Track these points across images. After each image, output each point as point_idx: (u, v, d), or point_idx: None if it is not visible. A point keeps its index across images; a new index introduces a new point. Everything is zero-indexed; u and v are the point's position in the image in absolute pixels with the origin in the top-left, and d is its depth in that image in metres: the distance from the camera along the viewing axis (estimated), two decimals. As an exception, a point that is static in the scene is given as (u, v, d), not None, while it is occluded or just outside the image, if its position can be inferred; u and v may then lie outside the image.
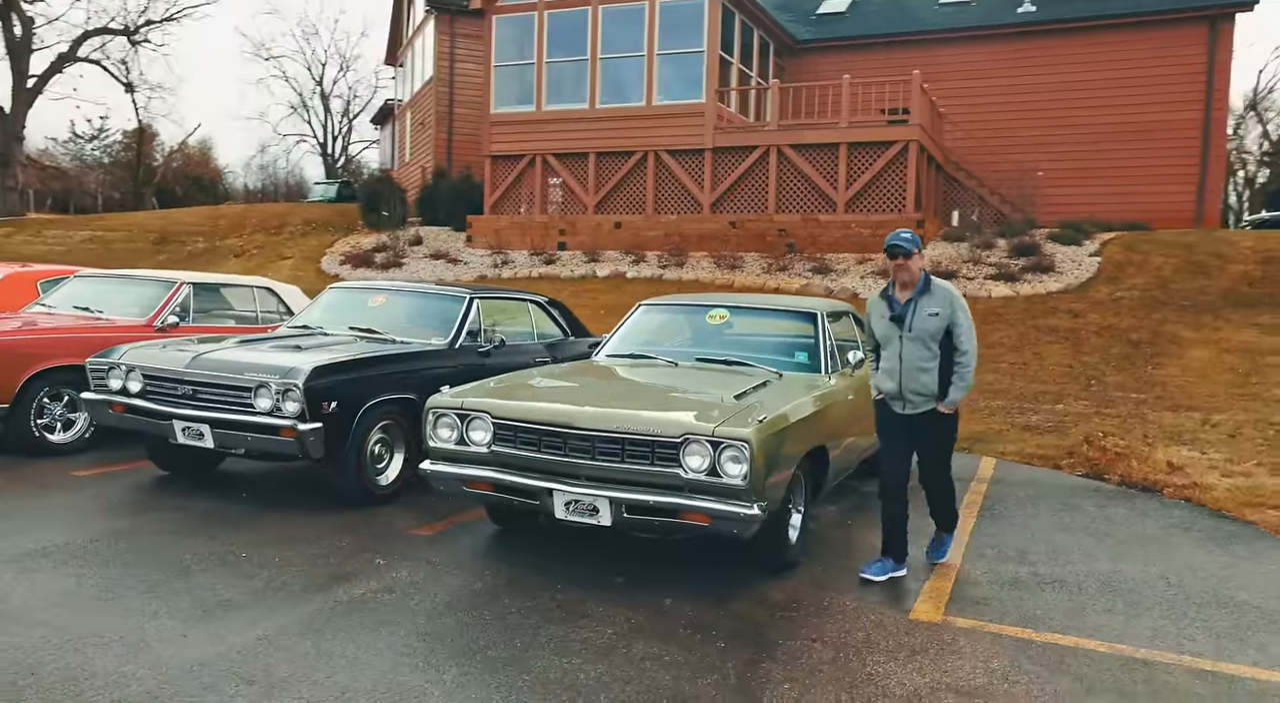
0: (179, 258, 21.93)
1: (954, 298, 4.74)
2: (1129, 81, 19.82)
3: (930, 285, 4.77)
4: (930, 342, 4.68)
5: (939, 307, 4.69)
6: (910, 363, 4.72)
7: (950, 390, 4.70)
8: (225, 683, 3.31)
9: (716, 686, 3.48)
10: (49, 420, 6.78)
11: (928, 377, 4.69)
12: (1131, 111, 19.79)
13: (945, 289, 4.78)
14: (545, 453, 4.59)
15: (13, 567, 4.38)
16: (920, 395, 4.72)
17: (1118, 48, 20.05)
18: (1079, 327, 13.16)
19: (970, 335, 4.72)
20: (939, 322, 4.67)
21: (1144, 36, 19.90)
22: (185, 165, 48.27)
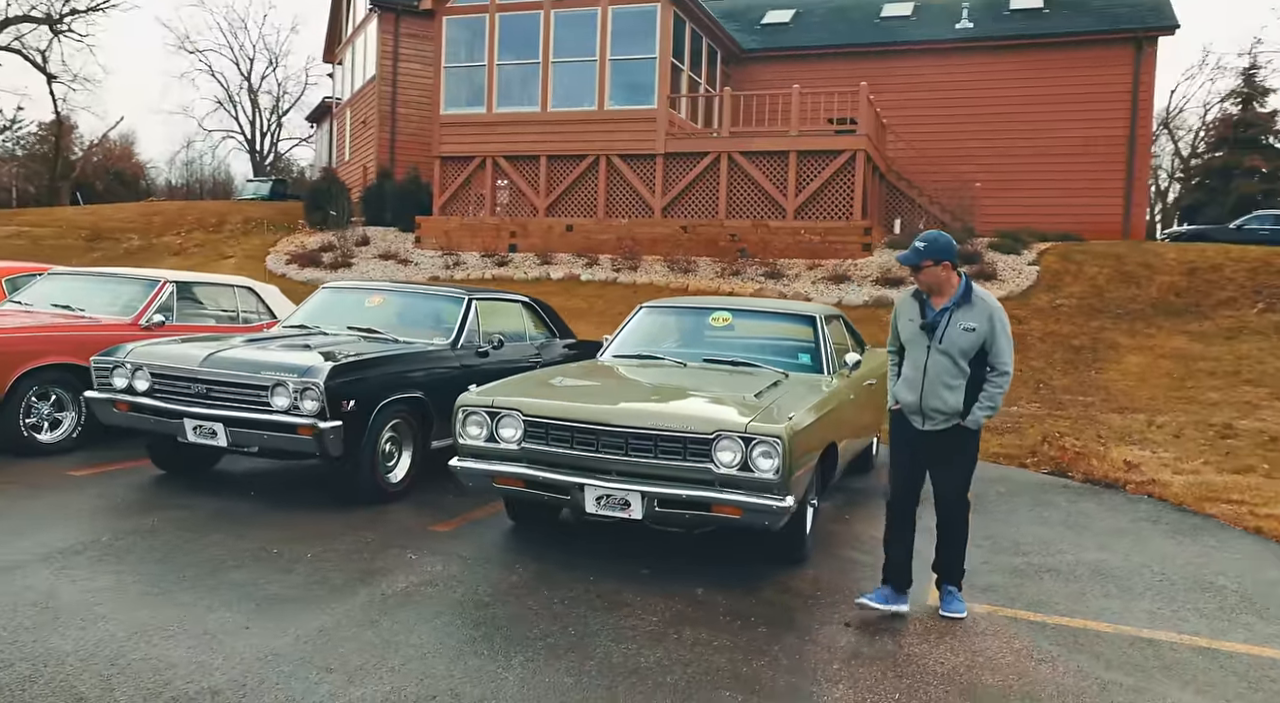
0: (114, 255, 21.29)
1: (995, 313, 4.25)
2: (1061, 98, 20.74)
3: (971, 296, 4.27)
4: (960, 358, 4.24)
5: (976, 321, 4.22)
6: (935, 377, 4.27)
7: (975, 410, 4.25)
8: (305, 671, 3.39)
9: (770, 667, 3.68)
10: (36, 420, 6.65)
11: (952, 396, 4.25)
12: (1063, 127, 20.70)
13: (986, 302, 4.27)
14: (578, 449, 4.73)
15: (48, 566, 4.35)
16: (942, 413, 4.29)
17: (1050, 66, 20.96)
18: (1024, 333, 13.75)
19: (1010, 355, 4.27)
20: (974, 338, 4.21)
21: (1075, 56, 20.85)
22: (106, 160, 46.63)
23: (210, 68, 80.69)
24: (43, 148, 44.01)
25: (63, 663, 3.32)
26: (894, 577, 4.45)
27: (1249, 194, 30.83)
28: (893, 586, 4.44)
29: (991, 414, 4.33)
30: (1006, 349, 4.27)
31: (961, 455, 4.39)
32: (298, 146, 60.89)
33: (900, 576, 4.45)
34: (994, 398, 4.29)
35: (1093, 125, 20.53)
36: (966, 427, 4.29)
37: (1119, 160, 20.51)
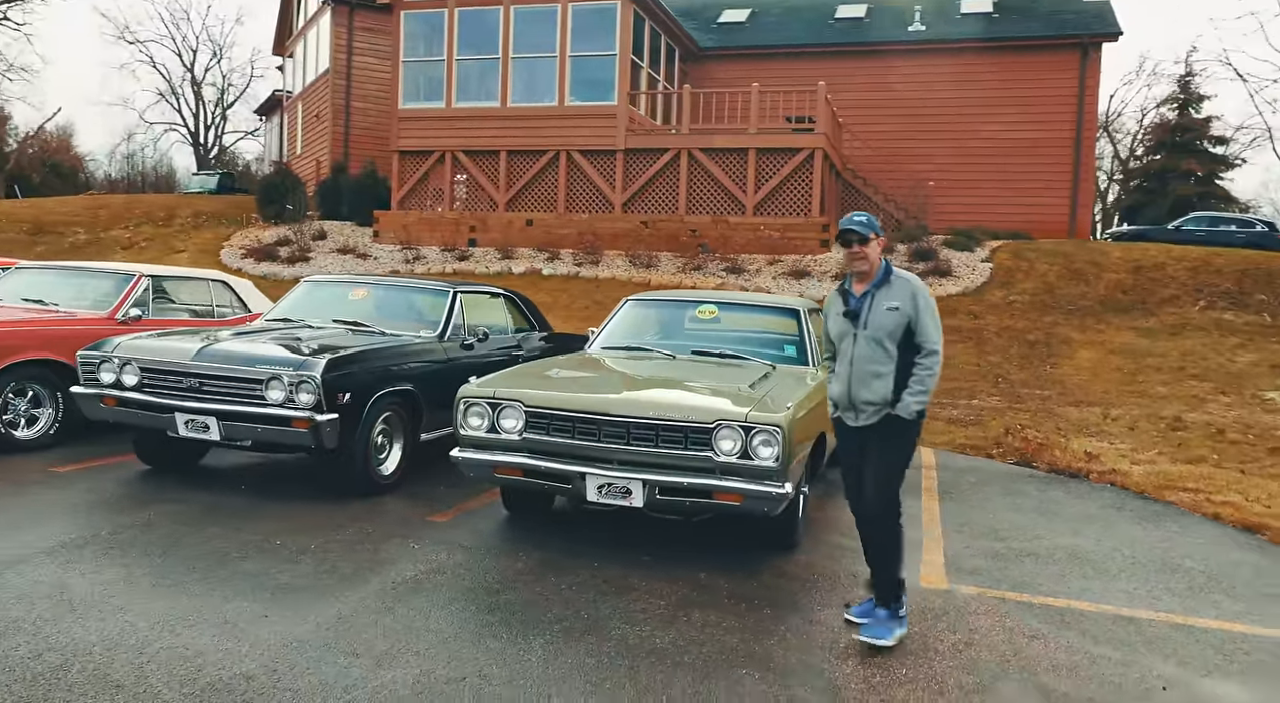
0: (59, 250, 20.78)
1: (917, 290, 4.05)
2: (1010, 101, 21.29)
3: (890, 277, 4.08)
4: (887, 341, 3.98)
5: (899, 300, 4.00)
6: (861, 366, 4.02)
7: (906, 395, 3.93)
8: (332, 656, 3.44)
9: (781, 646, 3.83)
10: (13, 416, 6.54)
11: (880, 382, 3.98)
12: (1012, 128, 21.26)
13: (907, 281, 4.08)
14: (579, 439, 4.83)
15: (52, 559, 4.33)
16: (871, 404, 4.01)
17: (1000, 69, 21.50)
18: (980, 328, 14.15)
19: (936, 334, 4.01)
20: (898, 318, 3.98)
21: (1023, 60, 21.42)
22: (43, 152, 45.27)
23: (151, 59, 78.78)
24: (-25, 139, 42.58)
25: (90, 653, 3.34)
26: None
27: (1185, 196, 31.91)
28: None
29: (924, 399, 3.95)
30: (932, 327, 4.00)
31: (889, 448, 4.01)
32: (243, 140, 59.81)
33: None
34: (924, 381, 3.95)
35: (1040, 128, 21.12)
36: (899, 415, 3.95)
37: (1065, 162, 21.12)
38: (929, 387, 3.98)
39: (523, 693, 3.26)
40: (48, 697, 3.01)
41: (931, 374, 3.97)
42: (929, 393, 3.98)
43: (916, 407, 3.95)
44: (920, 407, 3.96)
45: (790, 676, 3.55)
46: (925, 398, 3.97)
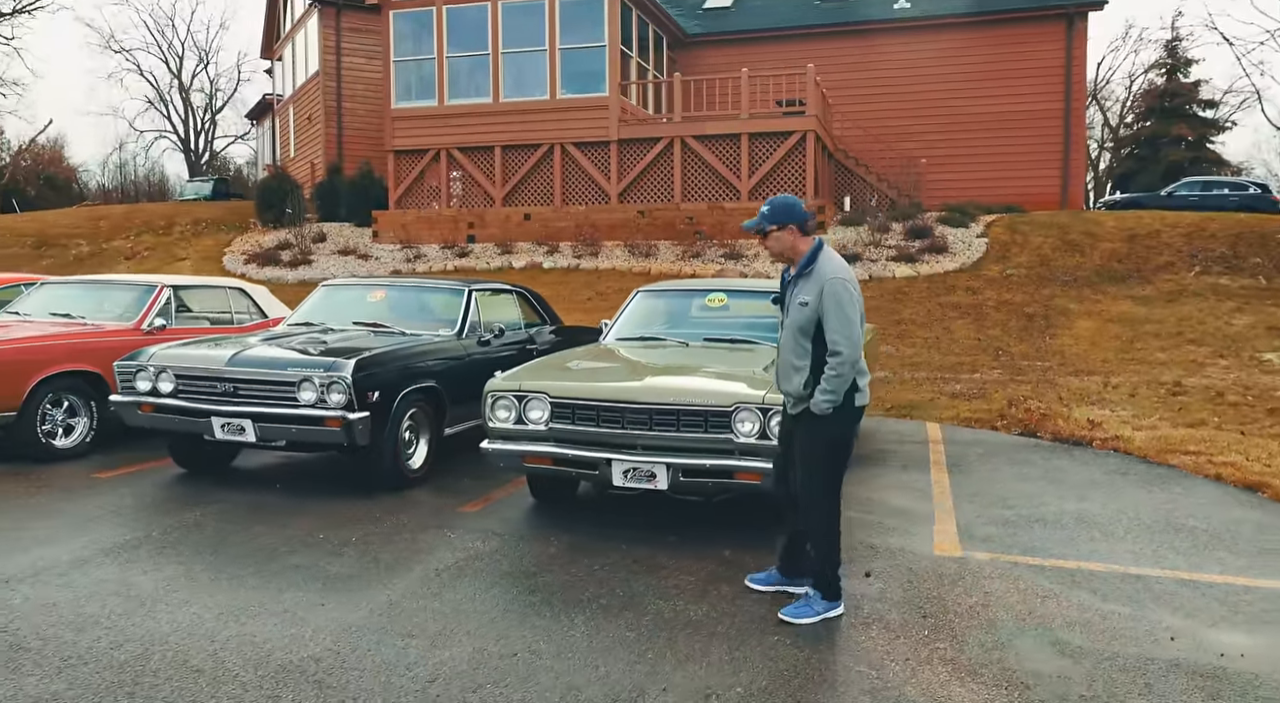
0: (64, 262, 20.94)
1: (826, 283, 3.81)
2: (997, 74, 21.45)
3: (810, 266, 3.92)
4: (800, 336, 3.90)
5: (810, 294, 3.84)
6: (784, 356, 4.01)
7: (817, 394, 3.83)
8: (389, 639, 3.67)
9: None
10: (51, 427, 6.75)
11: (798, 377, 3.93)
12: (1000, 102, 21.42)
13: (822, 271, 3.86)
14: (604, 427, 5.05)
15: (112, 559, 4.55)
16: (792, 396, 4.02)
17: (986, 43, 21.65)
18: (979, 303, 14.37)
19: (845, 331, 3.77)
20: (808, 313, 3.85)
21: (1009, 32, 21.57)
22: (36, 164, 45.28)
23: (138, 67, 78.76)
24: (-33, 154, 42.60)
25: (166, 642, 3.56)
26: (781, 560, 4.35)
27: (1177, 161, 32.12)
28: (779, 569, 4.35)
29: (833, 401, 3.80)
30: (839, 327, 3.77)
31: (810, 442, 3.97)
32: (233, 145, 59.85)
33: (786, 559, 4.32)
34: (830, 382, 3.79)
35: (1029, 100, 21.28)
36: (814, 413, 3.88)
37: (1055, 133, 21.29)
38: (835, 389, 3.80)
39: (571, 665, 3.48)
40: (136, 682, 3.23)
41: (838, 376, 3.78)
42: (837, 394, 3.81)
43: (826, 407, 3.83)
44: (830, 407, 3.82)
45: (819, 641, 3.78)
46: (832, 399, 3.81)
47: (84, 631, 3.66)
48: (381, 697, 3.18)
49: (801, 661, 3.57)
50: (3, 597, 4.01)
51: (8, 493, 5.86)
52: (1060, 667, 3.52)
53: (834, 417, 3.90)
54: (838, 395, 3.84)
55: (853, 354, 3.82)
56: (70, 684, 3.21)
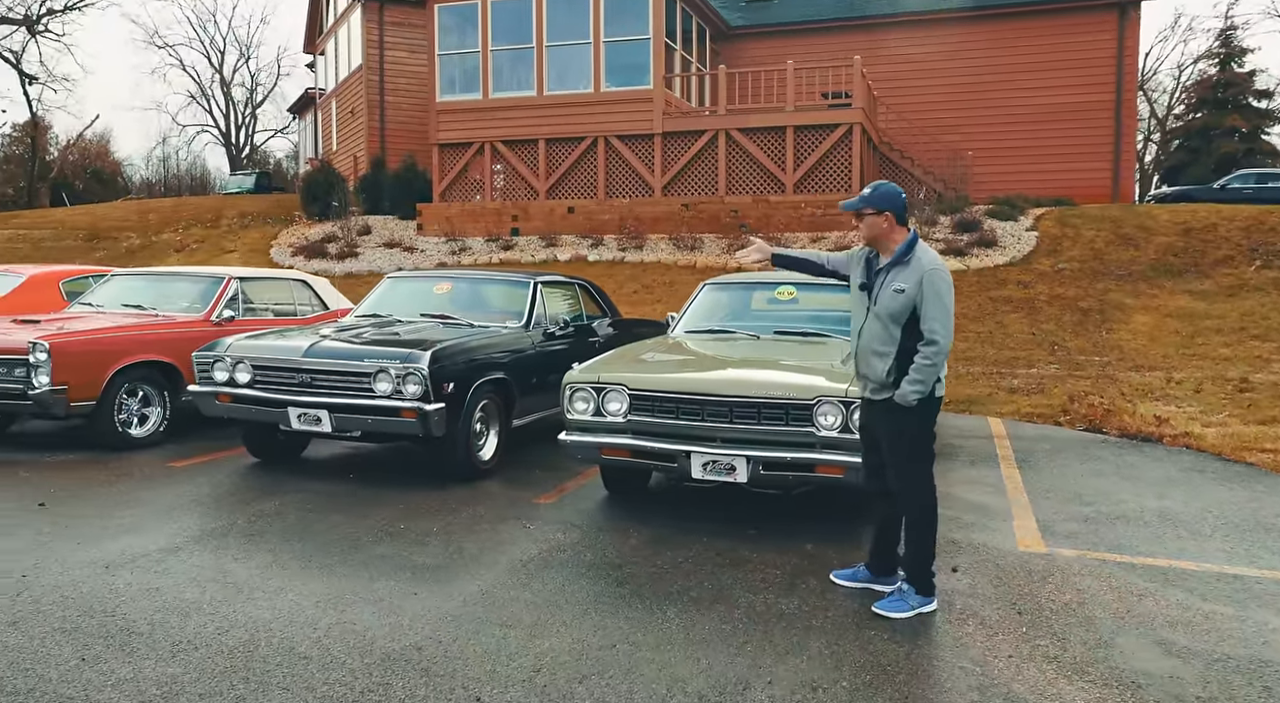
0: (116, 255, 21.27)
1: (926, 273, 3.85)
2: (1048, 65, 21.13)
3: (908, 255, 3.93)
4: (890, 323, 3.91)
5: (907, 282, 3.86)
6: (866, 344, 4.03)
7: (905, 384, 3.85)
8: (487, 628, 3.68)
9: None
10: (126, 416, 6.86)
11: (880, 363, 3.96)
12: (1050, 93, 21.11)
13: (921, 262, 3.89)
14: (683, 419, 5.03)
15: (204, 547, 4.61)
16: (872, 382, 4.05)
17: (1037, 33, 21.34)
18: (1031, 297, 14.18)
19: (942, 323, 3.82)
20: (903, 301, 3.86)
21: (1059, 23, 21.24)
22: (83, 159, 46.11)
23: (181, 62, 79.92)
24: (18, 150, 43.46)
25: (270, 629, 3.60)
26: (871, 558, 4.29)
27: (1230, 153, 31.46)
28: (867, 566, 4.29)
29: (921, 390, 3.83)
30: (938, 316, 3.81)
31: (896, 435, 3.97)
32: (273, 138, 60.50)
33: (877, 557, 4.24)
34: (922, 370, 3.82)
35: (1080, 91, 20.96)
36: (898, 403, 3.90)
37: (1106, 125, 20.96)
38: (926, 378, 3.84)
39: (672, 657, 3.48)
40: (248, 667, 3.27)
41: (931, 365, 3.82)
42: (927, 384, 3.85)
43: (914, 397, 3.85)
44: (917, 397, 3.85)
45: (916, 636, 3.74)
46: (921, 389, 3.84)
47: (189, 616, 3.71)
48: (489, 685, 3.19)
49: (902, 656, 3.54)
50: (107, 582, 4.08)
51: (91, 481, 5.97)
52: (1169, 667, 3.45)
53: (918, 407, 3.91)
54: (927, 385, 3.87)
55: (948, 345, 3.87)
56: (185, 668, 3.25)
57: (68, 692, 3.07)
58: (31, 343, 6.39)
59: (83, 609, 3.77)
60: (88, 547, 4.59)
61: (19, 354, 6.46)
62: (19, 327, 6.93)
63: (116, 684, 3.13)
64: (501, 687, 3.19)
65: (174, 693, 3.08)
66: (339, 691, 3.13)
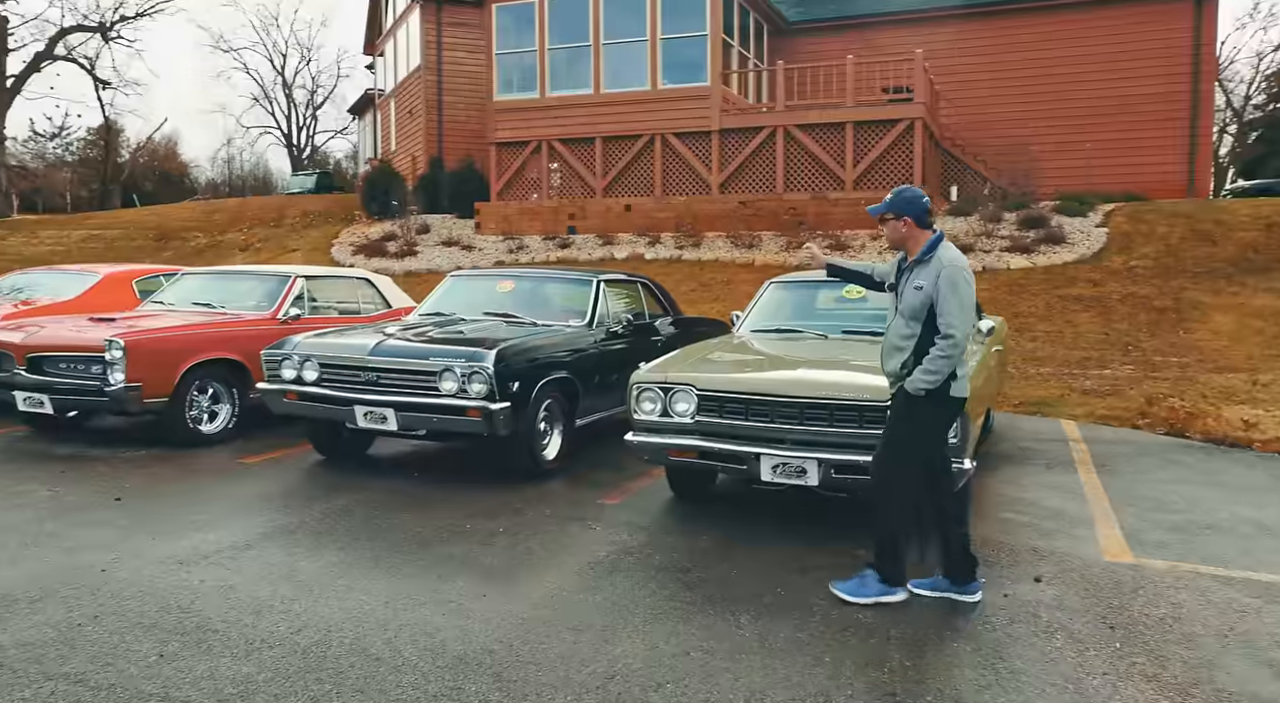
0: (184, 254, 21.76)
1: (943, 270, 3.93)
2: (1119, 56, 20.49)
3: (929, 255, 4.03)
4: (911, 319, 4.03)
5: (926, 279, 3.98)
6: (889, 340, 4.15)
7: (916, 372, 3.93)
8: (558, 632, 3.62)
9: (983, 622, 3.86)
10: (197, 412, 6.96)
11: (899, 356, 4.07)
12: (1120, 85, 20.46)
13: (940, 259, 3.98)
14: (752, 420, 4.93)
15: (274, 543, 4.64)
16: (892, 375, 4.14)
17: (1105, 22, 20.69)
18: (1102, 295, 13.76)
19: (957, 317, 3.88)
20: (921, 297, 3.98)
21: (1131, 11, 20.57)
22: (152, 161, 47.40)
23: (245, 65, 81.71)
24: (91, 152, 44.81)
25: (342, 629, 3.59)
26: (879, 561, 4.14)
27: (1311, 146, 30.27)
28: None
29: (930, 381, 3.88)
30: (953, 311, 3.88)
31: (898, 423, 4.06)
32: (333, 139, 61.52)
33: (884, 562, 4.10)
34: (935, 362, 3.88)
35: (1152, 82, 20.28)
36: (908, 392, 3.97)
37: (1181, 118, 20.26)
38: (938, 369, 3.89)
39: (748, 666, 3.38)
40: (321, 667, 3.26)
41: (945, 357, 3.88)
42: (938, 375, 3.89)
43: (922, 386, 3.91)
44: (926, 387, 3.90)
45: (1002, 648, 3.59)
46: (932, 380, 3.90)
47: (262, 614, 3.71)
48: (563, 692, 3.13)
49: (989, 669, 3.40)
50: (182, 578, 4.11)
51: (165, 477, 6.06)
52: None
53: (928, 401, 3.96)
54: (939, 376, 3.92)
55: (963, 339, 3.92)
56: (260, 667, 3.24)
57: (148, 688, 3.08)
58: (107, 341, 6.51)
59: (160, 605, 3.80)
60: (163, 542, 4.64)
61: (96, 352, 6.59)
62: (95, 325, 7.07)
63: (194, 682, 3.13)
64: (575, 694, 3.12)
65: (250, 692, 3.07)
66: (411, 694, 3.09)
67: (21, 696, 3.03)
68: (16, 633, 3.51)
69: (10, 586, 4.00)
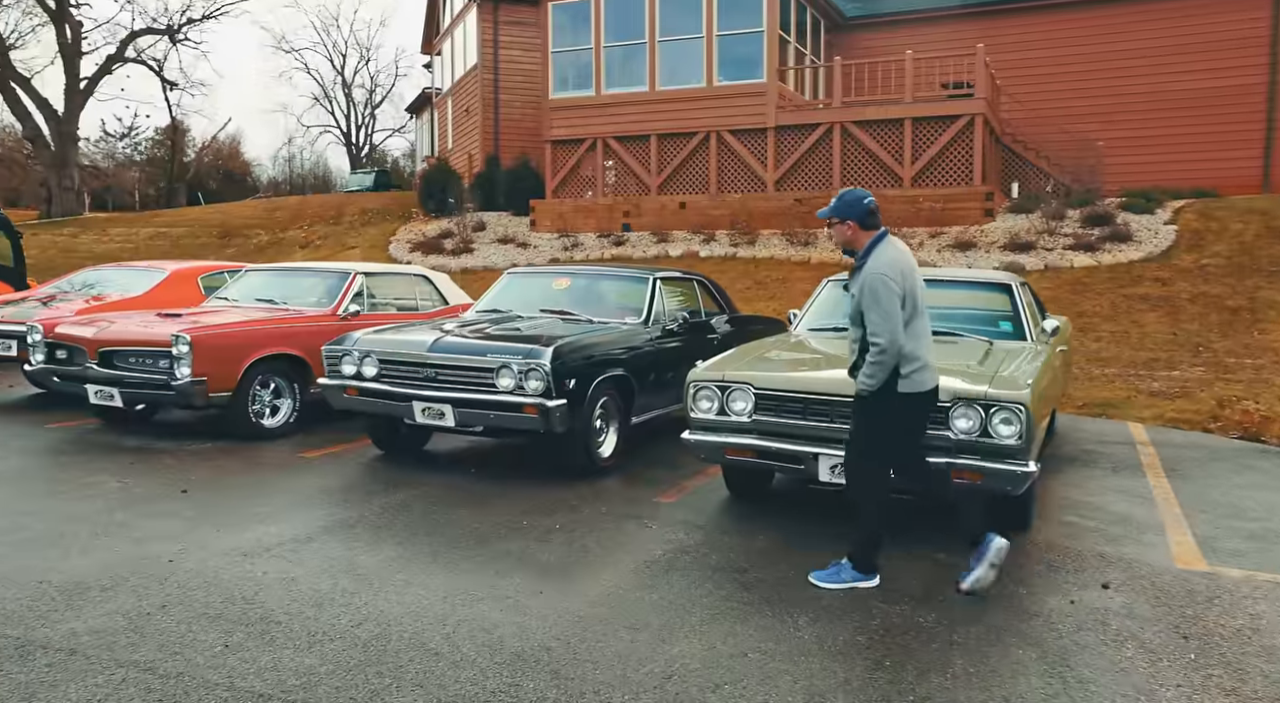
0: (246, 251, 22.25)
1: (865, 278, 4.04)
2: (1189, 48, 19.86)
3: (864, 259, 4.13)
4: (852, 323, 4.20)
5: (856, 287, 4.12)
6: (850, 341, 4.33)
7: (859, 375, 4.11)
8: (616, 631, 3.61)
9: (1048, 628, 3.76)
10: (260, 407, 7.09)
11: (851, 358, 4.27)
12: (1192, 78, 19.84)
13: (867, 267, 4.08)
14: (810, 420, 4.87)
15: (334, 537, 4.70)
16: (850, 374, 4.31)
17: (1177, 14, 20.07)
18: (1171, 295, 13.36)
19: (881, 326, 3.96)
20: (854, 303, 4.13)
21: (1205, 1, 19.93)
22: (216, 160, 48.56)
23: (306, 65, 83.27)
24: (159, 152, 46.06)
25: (401, 623, 3.62)
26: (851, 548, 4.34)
27: (1389, 141, 29.03)
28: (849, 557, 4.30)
29: (871, 385, 4.03)
30: (875, 320, 3.98)
31: (858, 422, 4.22)
32: (390, 137, 62.40)
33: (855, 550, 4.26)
34: (870, 368, 4.03)
35: (1226, 75, 19.63)
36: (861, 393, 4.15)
37: (1256, 111, 19.57)
38: (873, 375, 4.04)
39: (808, 668, 3.33)
40: (381, 660, 3.29)
41: (875, 363, 4.01)
42: (874, 380, 4.03)
43: (864, 389, 4.09)
44: (869, 389, 4.06)
45: (1068, 656, 3.49)
46: (871, 384, 4.05)
47: (323, 607, 3.76)
48: (620, 691, 3.12)
49: (1055, 677, 3.31)
50: (246, 570, 4.19)
51: (228, 470, 6.18)
52: (1365, 704, 3.12)
53: (880, 399, 4.09)
54: (875, 381, 4.06)
55: (891, 345, 3.98)
56: (322, 659, 3.28)
57: (214, 678, 3.14)
58: (174, 336, 6.67)
59: (225, 596, 3.87)
60: (227, 534, 4.74)
61: (163, 346, 6.75)
62: (162, 320, 7.25)
63: (259, 673, 3.18)
64: (633, 693, 3.11)
65: (312, 684, 3.11)
66: (470, 689, 3.10)
67: (95, 682, 3.10)
68: (90, 620, 3.60)
69: (83, 574, 4.11)
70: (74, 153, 30.89)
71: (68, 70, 30.54)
